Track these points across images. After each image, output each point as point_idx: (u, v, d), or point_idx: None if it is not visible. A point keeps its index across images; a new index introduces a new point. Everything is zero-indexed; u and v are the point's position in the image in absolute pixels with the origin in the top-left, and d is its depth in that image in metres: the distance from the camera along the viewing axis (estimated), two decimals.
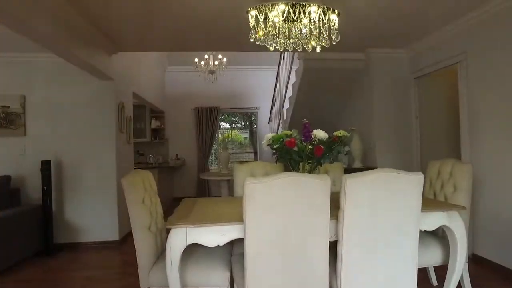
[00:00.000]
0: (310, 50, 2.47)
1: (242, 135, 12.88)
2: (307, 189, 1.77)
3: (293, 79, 5.68)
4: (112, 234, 4.38)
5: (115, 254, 4.01)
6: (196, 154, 8.26)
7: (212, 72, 6.77)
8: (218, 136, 8.79)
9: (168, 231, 1.91)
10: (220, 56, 6.70)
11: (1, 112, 4.39)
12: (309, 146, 2.26)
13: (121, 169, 4.56)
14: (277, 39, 2.39)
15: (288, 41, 2.41)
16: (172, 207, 7.15)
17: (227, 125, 12.51)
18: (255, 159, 10.21)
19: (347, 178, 1.79)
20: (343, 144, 2.43)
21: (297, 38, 2.37)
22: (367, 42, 4.36)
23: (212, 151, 8.55)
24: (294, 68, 5.60)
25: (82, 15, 3.23)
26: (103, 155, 4.40)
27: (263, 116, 8.42)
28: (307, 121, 2.25)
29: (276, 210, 1.75)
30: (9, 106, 4.40)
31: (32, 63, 4.42)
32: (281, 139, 2.30)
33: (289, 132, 2.44)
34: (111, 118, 4.43)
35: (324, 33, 2.33)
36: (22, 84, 4.41)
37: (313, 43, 2.40)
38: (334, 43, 2.46)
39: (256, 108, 8.45)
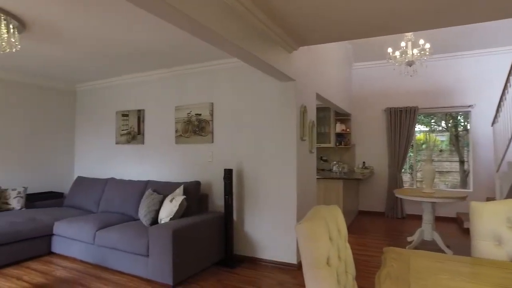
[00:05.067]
0: None
1: (438, 138, 10.57)
2: None
3: None
4: (289, 256, 3.84)
5: (291, 284, 3.42)
6: (386, 162, 7.04)
7: (410, 63, 5.45)
8: (414, 142, 7.24)
9: None
10: (421, 42, 5.30)
11: (195, 120, 4.60)
12: None
13: (302, 182, 3.97)
14: None
15: None
16: (357, 223, 6.27)
17: (423, 128, 10.49)
18: (461, 169, 8.08)
19: None
20: None
21: None
22: None
23: (407, 159, 7.08)
24: None
25: (258, 6, 2.75)
26: (282, 166, 3.91)
27: (479, 116, 6.35)
28: None
29: None
30: (201, 114, 4.56)
31: (217, 70, 4.43)
32: None
33: None
34: (291, 124, 3.87)
35: None
36: (210, 92, 4.49)
37: None
38: None
39: (470, 106, 6.45)
